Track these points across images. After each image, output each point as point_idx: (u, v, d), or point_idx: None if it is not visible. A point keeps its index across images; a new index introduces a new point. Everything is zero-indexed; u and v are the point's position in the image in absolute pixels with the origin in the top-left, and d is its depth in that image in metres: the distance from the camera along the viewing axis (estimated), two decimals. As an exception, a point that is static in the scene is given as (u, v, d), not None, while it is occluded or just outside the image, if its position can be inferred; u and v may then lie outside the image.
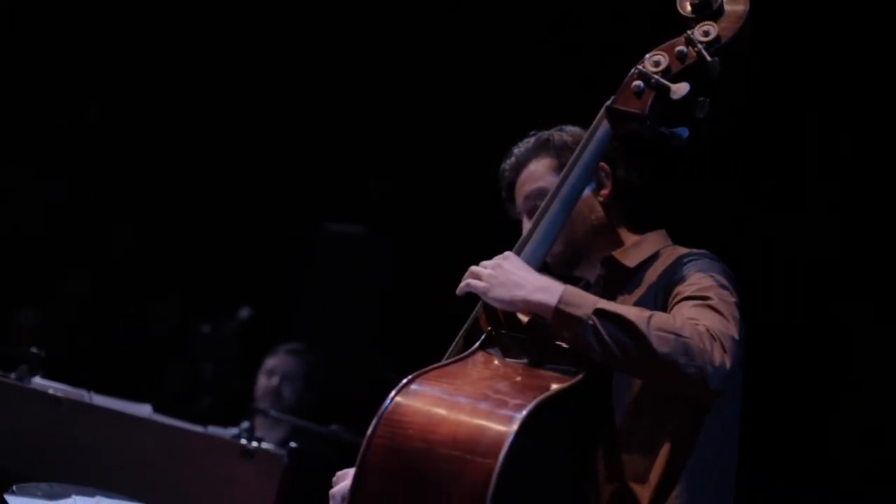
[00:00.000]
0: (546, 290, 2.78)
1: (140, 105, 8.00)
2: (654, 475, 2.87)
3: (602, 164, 3.11)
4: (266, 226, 7.53)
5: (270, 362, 5.83)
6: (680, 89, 2.94)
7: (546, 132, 3.22)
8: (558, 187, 3.00)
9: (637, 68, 3.00)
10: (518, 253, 2.97)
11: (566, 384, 2.71)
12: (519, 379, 2.74)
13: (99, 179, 8.13)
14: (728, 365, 2.70)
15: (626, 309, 2.75)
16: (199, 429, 4.56)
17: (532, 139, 3.23)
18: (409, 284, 6.67)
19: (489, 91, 6.62)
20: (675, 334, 2.68)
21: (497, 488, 2.50)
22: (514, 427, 2.55)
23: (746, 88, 5.65)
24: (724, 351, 2.70)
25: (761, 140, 6.08)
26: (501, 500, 2.52)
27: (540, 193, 3.13)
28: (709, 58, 2.94)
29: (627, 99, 2.99)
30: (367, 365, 6.49)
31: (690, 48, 2.97)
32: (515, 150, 3.24)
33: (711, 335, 2.71)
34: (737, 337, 2.76)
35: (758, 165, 6.07)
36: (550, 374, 2.77)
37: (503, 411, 2.59)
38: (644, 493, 2.87)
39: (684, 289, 2.88)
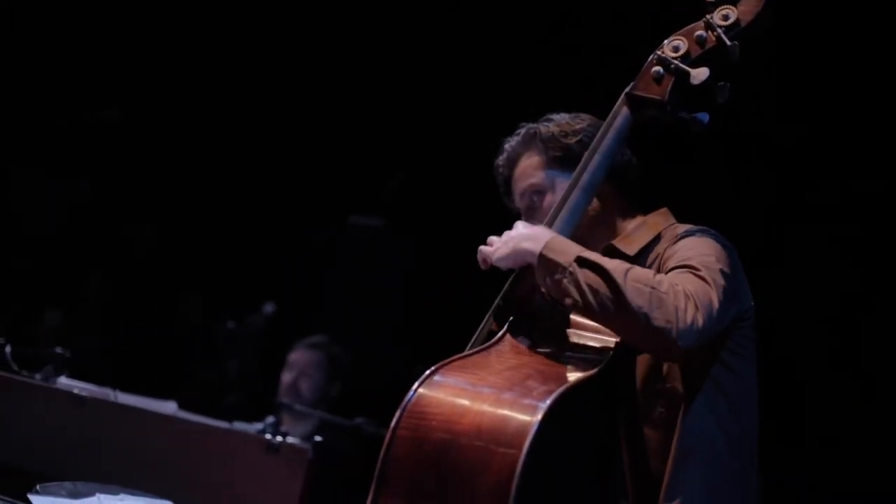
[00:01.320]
0: (534, 238, 2.83)
1: (160, 104, 8.01)
2: (671, 463, 2.85)
3: None
4: (287, 221, 7.54)
5: (291, 357, 5.83)
6: (700, 74, 2.92)
7: (533, 125, 3.18)
8: (578, 175, 2.98)
9: (656, 54, 2.99)
10: None
11: (590, 372, 2.71)
12: (543, 368, 2.73)
13: (120, 179, 8.15)
14: (700, 324, 2.69)
15: (607, 260, 2.77)
16: (224, 425, 4.56)
17: (521, 133, 3.19)
18: (431, 276, 6.66)
19: (508, 83, 6.61)
20: (651, 287, 2.69)
21: (522, 479, 2.49)
22: (539, 417, 2.54)
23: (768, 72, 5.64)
24: (698, 310, 2.69)
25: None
26: (526, 490, 2.51)
27: (534, 191, 3.12)
28: (728, 42, 2.92)
29: (647, 85, 2.97)
30: (391, 357, 6.49)
31: (710, 32, 2.95)
32: (506, 146, 3.20)
33: (687, 294, 2.70)
34: (716, 300, 2.74)
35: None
36: (574, 362, 2.77)
37: (527, 401, 2.59)
38: (664, 472, 2.85)
39: (670, 264, 2.87)
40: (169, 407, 4.49)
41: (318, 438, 4.70)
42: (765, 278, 3.12)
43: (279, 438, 4.14)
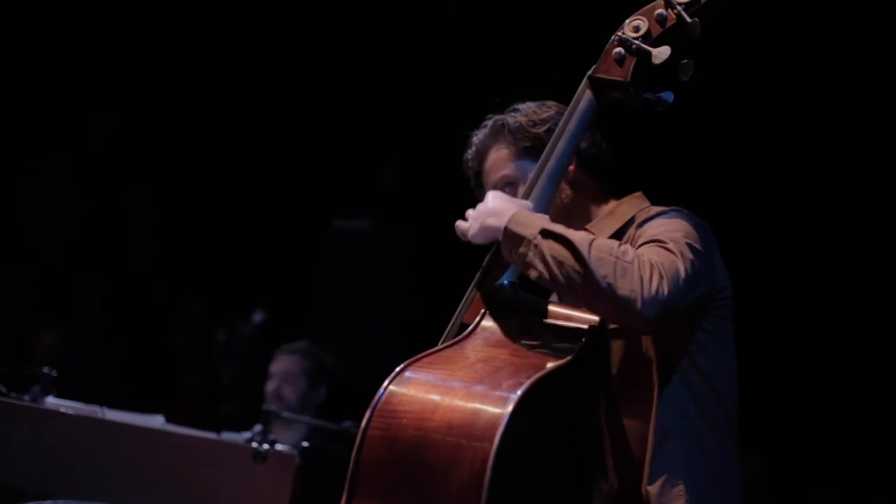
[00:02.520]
0: (500, 213, 2.80)
1: (147, 117, 8.01)
2: (651, 443, 2.83)
3: None
4: (274, 228, 7.52)
5: (272, 366, 5.79)
6: (661, 53, 2.89)
7: (500, 116, 3.13)
8: (543, 163, 2.94)
9: (617, 35, 2.95)
10: None
11: (562, 361, 2.67)
12: (514, 359, 2.69)
13: (110, 189, 8.16)
14: (665, 292, 2.66)
15: (571, 231, 2.75)
16: (211, 435, 4.55)
17: (488, 125, 3.13)
18: (423, 275, 6.63)
19: (497, 81, 6.58)
20: (615, 257, 2.68)
21: (494, 472, 2.46)
22: (509, 408, 2.50)
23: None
24: (663, 278, 2.67)
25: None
26: (500, 482, 2.47)
27: (505, 183, 3.07)
28: (689, 19, 2.88)
29: (609, 67, 2.93)
30: (387, 359, 6.43)
31: (670, 11, 2.91)
32: (474, 139, 3.14)
33: (652, 264, 2.69)
34: (682, 271, 2.71)
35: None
36: (546, 352, 2.72)
37: (498, 393, 2.55)
38: (645, 454, 2.83)
39: (641, 241, 2.84)
40: (156, 421, 4.49)
41: (305, 444, 4.67)
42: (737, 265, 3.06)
43: (265, 446, 4.12)
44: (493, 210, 2.83)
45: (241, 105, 7.60)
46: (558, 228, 2.74)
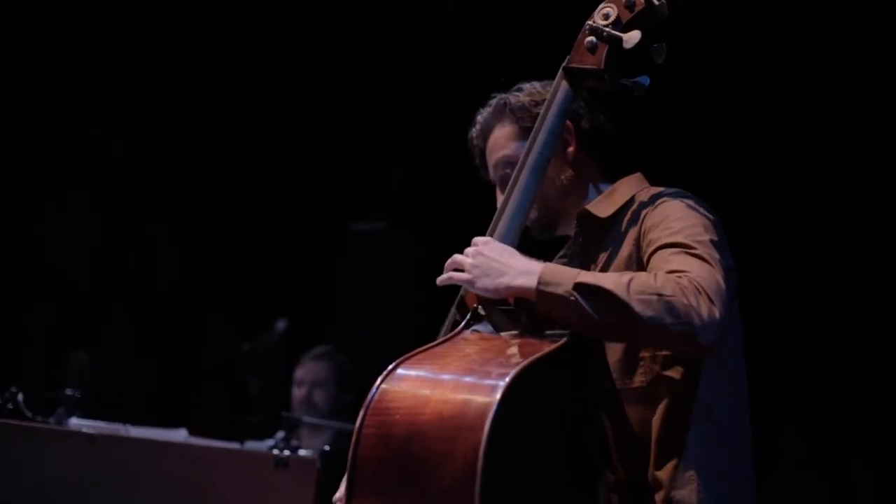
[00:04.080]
0: (527, 273, 2.75)
1: (161, 139, 8.08)
2: (657, 429, 2.83)
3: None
4: (288, 235, 7.56)
5: (298, 373, 5.82)
6: (632, 38, 2.92)
7: (504, 95, 3.15)
8: (526, 156, 2.96)
9: (588, 24, 2.98)
10: (494, 225, 2.95)
11: (552, 347, 2.69)
12: (506, 349, 2.72)
13: (130, 213, 8.23)
14: (717, 315, 2.64)
15: (604, 278, 2.71)
16: (233, 445, 4.58)
17: (492, 104, 3.15)
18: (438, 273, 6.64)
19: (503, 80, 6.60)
20: (657, 294, 2.64)
21: (486, 460, 2.48)
22: (498, 396, 2.52)
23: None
24: (712, 302, 2.64)
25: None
26: (494, 470, 2.49)
27: (506, 162, 3.08)
28: (656, 2, 2.92)
29: (582, 56, 2.97)
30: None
31: (637, -6, 2.94)
32: (478, 118, 3.16)
33: (696, 288, 2.65)
34: (722, 281, 2.70)
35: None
36: (539, 340, 2.74)
37: (487, 382, 2.57)
38: (650, 440, 2.84)
39: (657, 235, 2.82)
40: (179, 434, 4.52)
41: (326, 448, 4.70)
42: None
43: (286, 453, 4.15)
44: (521, 269, 2.77)
45: (248, 116, 7.67)
46: (590, 278, 2.70)
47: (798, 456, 6.49)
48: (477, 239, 2.90)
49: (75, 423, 4.60)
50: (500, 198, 3.06)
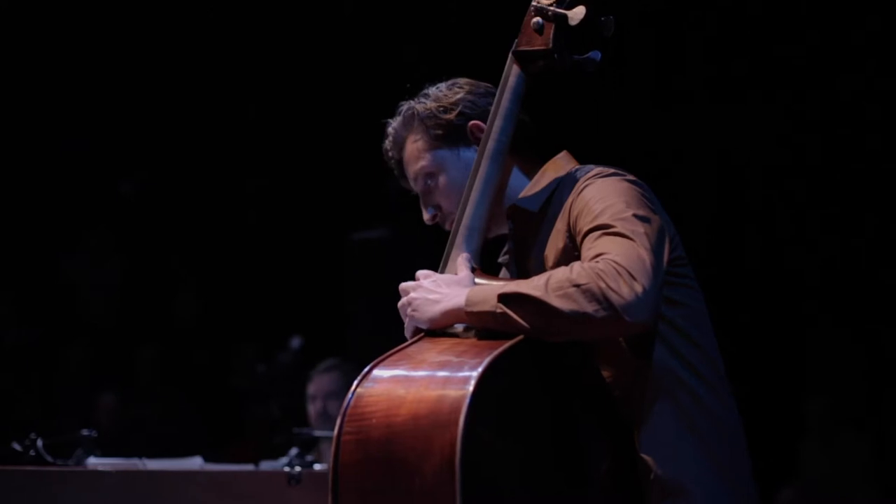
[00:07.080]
0: (457, 296, 2.75)
1: (171, 176, 8.15)
2: (639, 411, 2.80)
3: (472, 122, 3.00)
4: (293, 252, 7.58)
5: (311, 389, 5.80)
6: (577, 14, 2.90)
7: (411, 103, 3.07)
8: (483, 144, 2.94)
9: (532, 5, 2.96)
10: (459, 217, 2.93)
11: (520, 338, 2.66)
12: (479, 342, 2.69)
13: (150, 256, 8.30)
14: (641, 290, 2.60)
15: (526, 283, 2.69)
16: (247, 467, 4.59)
17: (401, 114, 3.08)
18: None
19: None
20: (575, 286, 2.61)
21: (464, 454, 2.46)
22: (471, 388, 2.50)
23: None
24: (634, 278, 2.61)
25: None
26: (474, 467, 2.47)
27: (425, 174, 3.03)
28: (596, -26, 2.89)
29: (530, 38, 2.95)
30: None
31: (579, -31, 2.91)
32: (389, 129, 3.10)
33: (615, 268, 2.62)
34: (646, 254, 2.65)
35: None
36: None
37: (460, 374, 2.55)
38: (634, 412, 2.80)
39: (582, 224, 2.78)
40: (195, 462, 4.53)
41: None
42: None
43: (298, 469, 4.15)
44: (447, 295, 2.78)
45: (248, 132, 7.72)
46: (511, 288, 2.69)
47: (827, 421, 6.41)
48: (419, 273, 2.90)
49: (93, 462, 4.63)
50: (424, 208, 3.06)
